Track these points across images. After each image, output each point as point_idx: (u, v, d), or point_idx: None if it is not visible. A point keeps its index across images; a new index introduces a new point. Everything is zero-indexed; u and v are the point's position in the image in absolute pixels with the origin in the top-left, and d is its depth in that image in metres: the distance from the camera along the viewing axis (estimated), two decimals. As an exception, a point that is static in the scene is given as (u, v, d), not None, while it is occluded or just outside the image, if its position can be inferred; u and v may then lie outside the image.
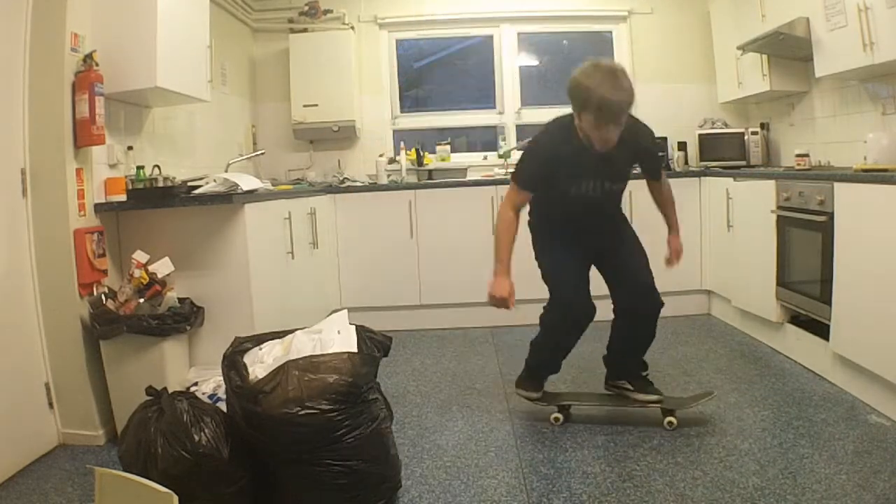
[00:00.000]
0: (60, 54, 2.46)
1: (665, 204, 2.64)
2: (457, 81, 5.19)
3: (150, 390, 2.00)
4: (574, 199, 2.40)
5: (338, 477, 1.84)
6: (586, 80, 2.13)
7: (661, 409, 2.50)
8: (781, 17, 3.39)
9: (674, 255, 2.62)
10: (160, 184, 2.86)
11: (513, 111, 4.92)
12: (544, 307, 2.54)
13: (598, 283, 2.53)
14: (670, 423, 2.45)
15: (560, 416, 2.58)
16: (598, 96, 2.09)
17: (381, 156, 4.64)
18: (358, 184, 4.43)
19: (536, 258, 2.55)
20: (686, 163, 4.52)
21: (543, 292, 2.50)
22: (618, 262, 2.53)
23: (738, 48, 3.84)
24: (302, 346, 2.00)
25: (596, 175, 2.36)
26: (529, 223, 2.60)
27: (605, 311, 2.54)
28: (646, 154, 2.50)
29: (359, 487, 1.88)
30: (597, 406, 2.66)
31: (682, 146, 4.53)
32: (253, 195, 2.81)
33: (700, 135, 4.44)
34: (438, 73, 5.21)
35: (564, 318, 2.47)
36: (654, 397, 2.53)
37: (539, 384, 2.64)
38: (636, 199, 3.21)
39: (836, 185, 2.69)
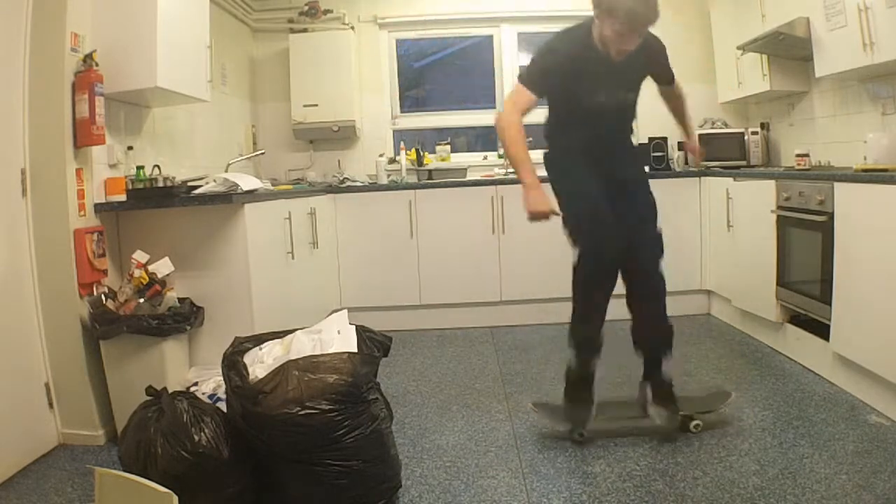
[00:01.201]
0: (60, 54, 2.46)
1: (680, 108, 2.74)
2: (457, 81, 5.18)
3: (150, 390, 2.00)
4: (588, 113, 2.36)
5: (338, 477, 1.84)
6: None
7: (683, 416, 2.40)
8: (781, 17, 3.39)
9: (692, 152, 2.86)
10: (160, 184, 2.86)
11: (513, 111, 4.91)
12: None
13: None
14: (697, 426, 2.39)
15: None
16: (628, 6, 2.10)
17: (381, 156, 4.64)
18: (358, 184, 4.43)
19: (556, 195, 2.39)
20: (686, 163, 4.52)
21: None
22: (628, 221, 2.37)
23: (738, 48, 3.84)
24: (302, 346, 2.00)
25: (611, 83, 2.34)
26: (545, 159, 2.49)
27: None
28: (658, 59, 2.49)
29: (359, 487, 1.88)
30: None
31: (682, 146, 4.52)
32: (253, 195, 2.81)
33: (700, 135, 4.40)
34: (438, 73, 5.21)
35: (597, 258, 2.30)
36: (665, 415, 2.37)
37: (586, 397, 2.40)
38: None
39: (836, 185, 2.69)
